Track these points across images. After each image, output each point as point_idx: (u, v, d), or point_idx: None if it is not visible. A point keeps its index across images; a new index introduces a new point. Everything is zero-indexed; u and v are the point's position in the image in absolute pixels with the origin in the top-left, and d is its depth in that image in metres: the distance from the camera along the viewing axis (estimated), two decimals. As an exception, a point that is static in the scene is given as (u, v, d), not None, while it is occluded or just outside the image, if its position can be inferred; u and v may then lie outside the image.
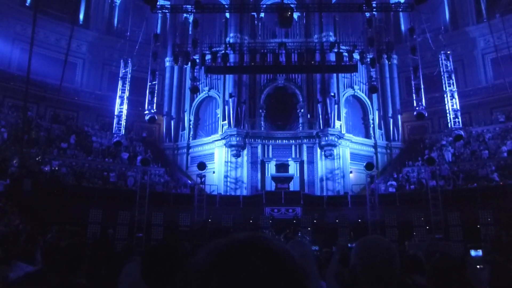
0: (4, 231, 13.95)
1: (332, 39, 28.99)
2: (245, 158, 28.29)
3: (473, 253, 12.62)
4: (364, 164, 25.70)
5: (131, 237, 20.12)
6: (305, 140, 28.56)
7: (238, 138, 27.92)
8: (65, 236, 15.91)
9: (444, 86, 25.19)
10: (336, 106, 28.79)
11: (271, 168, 27.58)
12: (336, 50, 25.95)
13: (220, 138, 28.79)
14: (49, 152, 24.49)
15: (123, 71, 26.05)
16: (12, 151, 22.00)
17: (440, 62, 25.46)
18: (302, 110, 29.33)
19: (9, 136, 23.67)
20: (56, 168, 23.47)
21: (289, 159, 27.72)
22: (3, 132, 23.75)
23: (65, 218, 18.42)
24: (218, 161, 28.62)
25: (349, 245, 15.93)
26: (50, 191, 20.28)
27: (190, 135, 30.93)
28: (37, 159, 23.02)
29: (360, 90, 30.88)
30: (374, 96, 30.54)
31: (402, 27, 33.36)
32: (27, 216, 17.46)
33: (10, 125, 24.73)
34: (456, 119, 24.39)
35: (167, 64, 32.34)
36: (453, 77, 25.23)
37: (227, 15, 30.66)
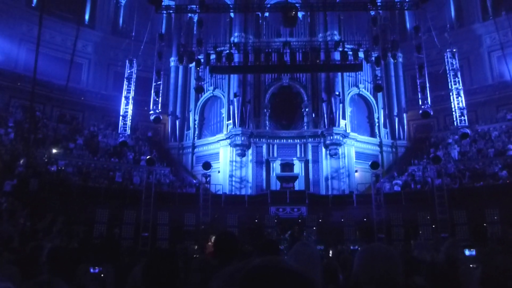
0: (11, 231, 14.08)
1: (336, 38, 28.91)
2: (250, 157, 28.31)
3: (467, 252, 12.46)
4: (370, 163, 25.58)
5: (137, 237, 20.26)
6: (310, 139, 28.52)
7: (243, 138, 27.93)
8: (71, 235, 16.02)
9: (449, 84, 25.01)
10: (341, 105, 28.73)
11: (276, 168, 27.59)
12: (341, 49, 25.83)
13: (225, 138, 28.83)
14: (56, 151, 24.64)
15: (128, 71, 26.13)
16: (19, 151, 22.18)
17: (446, 60, 25.29)
18: (307, 109, 29.29)
19: (16, 136, 23.86)
20: (63, 168, 23.61)
21: (294, 158, 27.70)
22: (10, 132, 23.94)
23: (72, 218, 18.58)
24: (223, 160, 28.66)
25: (351, 247, 15.92)
26: (56, 190, 20.40)
27: (195, 134, 31.01)
28: (43, 158, 23.18)
29: (365, 89, 30.79)
30: (379, 94, 30.40)
31: (408, 25, 33.21)
32: (34, 216, 17.57)
33: (17, 125, 24.91)
34: (462, 117, 24.22)
35: (172, 64, 32.43)
36: (459, 75, 25.03)
37: (232, 14, 30.67)
